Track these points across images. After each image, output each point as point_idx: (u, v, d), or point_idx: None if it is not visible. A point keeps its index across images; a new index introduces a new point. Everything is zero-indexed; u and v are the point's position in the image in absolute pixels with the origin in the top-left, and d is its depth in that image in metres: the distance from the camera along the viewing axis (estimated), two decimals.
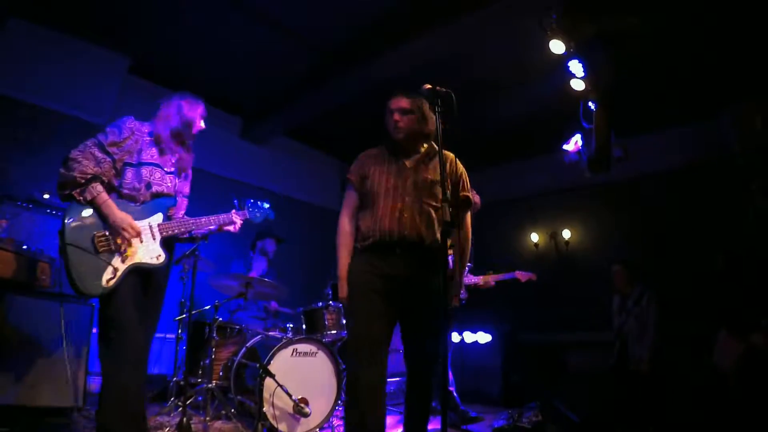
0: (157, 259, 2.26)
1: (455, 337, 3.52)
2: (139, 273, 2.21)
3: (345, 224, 2.33)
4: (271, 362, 2.92)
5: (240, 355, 3.20)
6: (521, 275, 3.94)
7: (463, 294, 3.66)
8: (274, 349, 2.96)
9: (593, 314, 4.99)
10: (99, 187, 2.15)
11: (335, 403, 3.14)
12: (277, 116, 5.61)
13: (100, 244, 2.12)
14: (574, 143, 4.25)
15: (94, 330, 3.53)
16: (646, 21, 4.09)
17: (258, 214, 2.67)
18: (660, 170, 5.55)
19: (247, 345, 3.21)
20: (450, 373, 3.42)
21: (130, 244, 2.18)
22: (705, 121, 5.30)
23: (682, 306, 4.63)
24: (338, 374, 3.19)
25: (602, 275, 4.72)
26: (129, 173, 2.24)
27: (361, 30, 4.40)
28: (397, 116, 2.27)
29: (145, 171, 2.27)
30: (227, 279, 3.59)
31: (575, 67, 4.11)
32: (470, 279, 3.79)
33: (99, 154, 2.17)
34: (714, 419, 3.27)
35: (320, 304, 3.43)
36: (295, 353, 3.08)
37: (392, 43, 4.30)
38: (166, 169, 2.38)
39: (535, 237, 6.50)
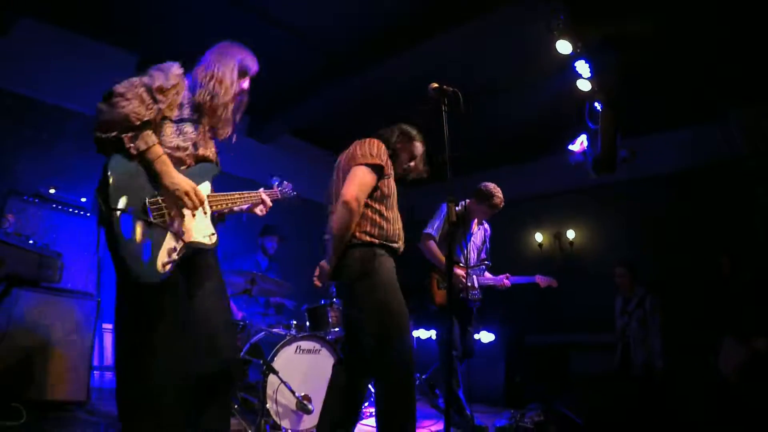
0: (210, 238, 1.82)
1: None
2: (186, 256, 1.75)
3: (362, 207, 2.12)
4: (275, 359, 2.93)
5: (243, 351, 3.21)
6: (541, 280, 3.88)
7: (477, 294, 3.63)
8: (277, 346, 2.97)
9: (597, 316, 4.98)
10: (154, 137, 1.67)
11: None
12: (283, 115, 5.63)
13: (155, 213, 1.64)
14: (579, 144, 4.24)
15: (102, 324, 3.59)
16: (653, 22, 4.09)
17: (288, 194, 2.43)
18: (666, 172, 5.53)
19: (251, 341, 3.22)
20: (459, 376, 3.38)
21: (182, 217, 1.74)
22: (711, 123, 5.28)
23: (685, 309, 4.61)
24: None
25: (607, 276, 4.71)
26: (168, 129, 1.78)
27: (368, 32, 4.41)
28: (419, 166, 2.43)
29: (188, 128, 1.84)
30: (232, 275, 3.61)
31: (582, 67, 4.12)
32: (486, 279, 3.75)
33: (146, 98, 1.67)
34: (717, 423, 3.25)
35: (324, 301, 3.43)
36: (298, 350, 3.09)
37: (399, 45, 4.31)
38: (208, 132, 1.96)
39: (539, 237, 6.48)
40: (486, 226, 3.86)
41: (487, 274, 3.80)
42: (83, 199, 3.70)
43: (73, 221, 3.59)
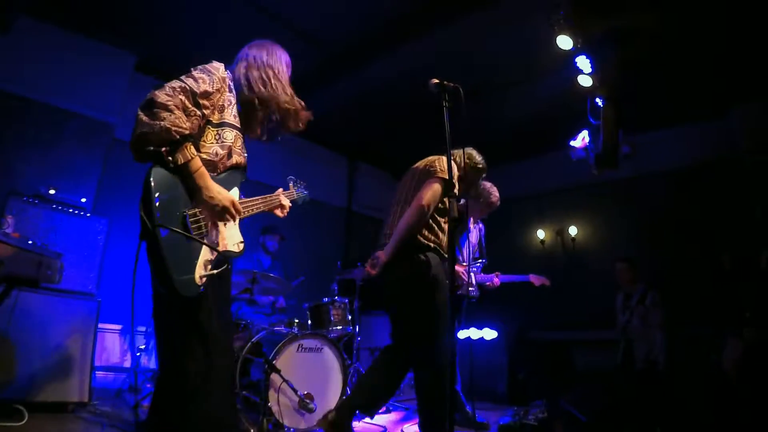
0: (238, 246, 1.82)
1: (461, 334, 3.49)
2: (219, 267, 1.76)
3: (430, 213, 2.44)
4: (277, 357, 2.91)
5: (245, 350, 3.19)
6: (535, 279, 3.91)
7: (474, 291, 3.63)
8: (279, 345, 2.95)
9: (600, 312, 4.97)
10: (193, 150, 1.63)
11: (341, 399, 3.13)
12: None
13: (194, 226, 1.64)
14: (581, 139, 4.22)
15: (101, 325, 3.57)
16: (655, 17, 4.07)
17: (303, 194, 2.43)
18: (667, 168, 5.52)
19: (253, 340, 3.20)
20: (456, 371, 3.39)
21: (216, 227, 1.74)
22: (714, 119, 5.26)
23: (686, 305, 4.59)
24: (344, 370, 3.18)
25: (609, 272, 4.70)
26: (210, 134, 1.74)
27: (369, 29, 4.39)
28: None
29: (228, 134, 1.78)
30: (233, 275, 3.58)
31: (583, 63, 4.11)
32: (480, 277, 3.74)
33: (189, 105, 1.62)
34: (719, 418, 3.25)
35: (326, 299, 3.42)
36: (300, 349, 3.07)
37: (400, 41, 4.31)
38: (244, 136, 1.92)
39: (541, 234, 6.48)
40: (481, 225, 3.88)
41: (481, 273, 3.82)
42: (83, 200, 3.69)
43: (73, 222, 3.58)
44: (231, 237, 1.78)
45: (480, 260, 3.80)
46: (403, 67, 4.52)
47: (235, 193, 1.82)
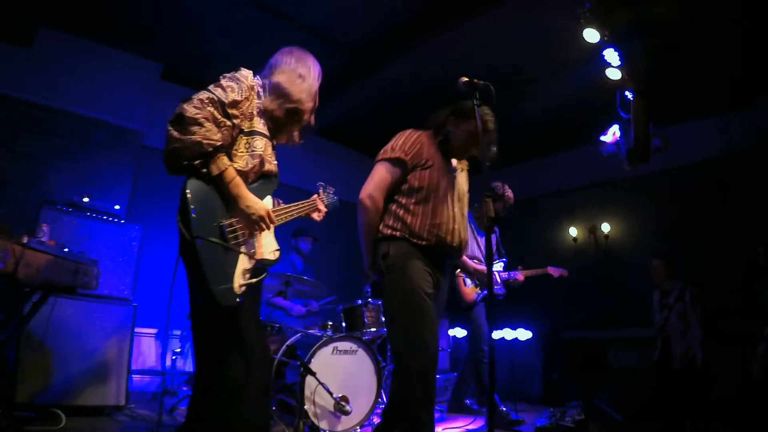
0: (274, 254, 1.82)
1: (495, 335, 3.47)
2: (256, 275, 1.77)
3: (379, 203, 2.11)
4: (312, 360, 2.91)
5: (280, 353, 3.20)
6: (553, 271, 3.88)
7: (500, 290, 3.60)
8: (314, 347, 2.95)
9: (635, 310, 4.86)
10: (226, 160, 1.63)
11: (375, 401, 3.12)
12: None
13: (231, 236, 1.64)
14: (611, 134, 4.13)
15: (136, 329, 3.63)
16: (682, 6, 3.97)
17: (333, 200, 2.37)
18: (699, 160, 5.37)
19: (287, 343, 3.21)
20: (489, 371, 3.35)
21: (252, 236, 1.75)
22: (743, 109, 5.11)
23: (723, 301, 4.47)
24: (378, 372, 3.16)
25: (643, 270, 4.59)
26: (241, 143, 1.73)
27: (388, 28, 4.38)
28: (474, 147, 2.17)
29: (258, 143, 1.77)
30: (267, 278, 3.59)
31: (611, 55, 4.03)
32: (505, 275, 3.72)
33: (219, 116, 1.63)
34: (754, 417, 3.16)
35: (359, 301, 3.42)
36: (335, 351, 3.06)
37: (420, 39, 4.28)
38: (274, 143, 1.91)
39: (573, 231, 6.36)
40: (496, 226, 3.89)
41: (502, 271, 3.84)
42: (116, 207, 3.74)
43: (107, 229, 3.64)
44: (267, 245, 1.79)
45: (500, 259, 3.80)
46: (422, 66, 4.49)
47: (268, 202, 1.82)
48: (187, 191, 1.56)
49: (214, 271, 1.55)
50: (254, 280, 1.69)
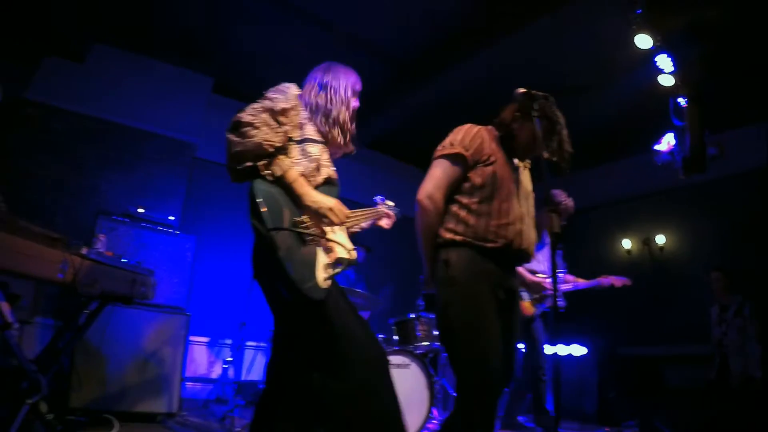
0: (351, 253, 1.79)
1: (548, 350, 3.34)
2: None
3: (439, 203, 1.92)
4: None
5: None
6: (616, 280, 3.69)
7: (562, 302, 3.49)
8: None
9: (692, 325, 4.66)
10: (288, 160, 1.69)
11: (427, 416, 3.07)
12: (359, 129, 5.66)
13: (305, 232, 1.66)
14: (666, 143, 3.98)
15: (190, 337, 3.70)
16: (734, 10, 3.82)
17: (395, 211, 2.32)
18: (757, 167, 5.11)
19: None
20: (549, 389, 3.26)
21: (325, 233, 1.74)
22: None
23: None
24: (430, 386, 3.11)
25: (701, 283, 4.40)
26: (294, 151, 1.76)
27: (438, 39, 4.38)
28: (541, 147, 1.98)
29: (312, 148, 1.79)
30: None
31: (663, 61, 3.93)
32: (565, 286, 3.62)
33: (272, 122, 1.66)
34: None
35: (412, 314, 3.38)
36: None
37: (470, 50, 4.26)
38: (330, 151, 1.92)
39: (627, 244, 6.16)
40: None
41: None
42: (171, 218, 3.82)
43: (162, 239, 3.71)
44: (342, 244, 1.77)
45: (560, 270, 3.68)
46: (473, 76, 4.46)
47: None
48: (256, 192, 1.59)
49: (296, 267, 1.55)
50: (338, 269, 1.69)
